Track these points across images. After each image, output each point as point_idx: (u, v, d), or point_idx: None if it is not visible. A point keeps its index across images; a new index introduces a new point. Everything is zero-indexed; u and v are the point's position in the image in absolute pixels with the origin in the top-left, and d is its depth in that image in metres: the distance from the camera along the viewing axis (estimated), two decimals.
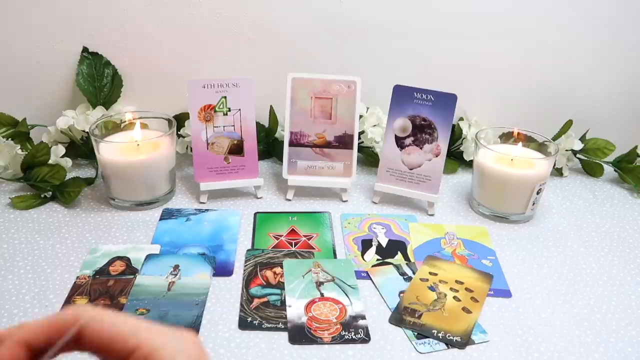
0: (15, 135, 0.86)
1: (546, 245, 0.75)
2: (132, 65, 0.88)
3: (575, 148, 0.91)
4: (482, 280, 0.67)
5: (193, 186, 0.84)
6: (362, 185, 0.87)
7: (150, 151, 0.77)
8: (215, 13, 0.85)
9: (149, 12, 0.84)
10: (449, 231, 0.77)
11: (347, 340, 0.57)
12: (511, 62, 0.92)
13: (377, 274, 0.68)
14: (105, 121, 0.80)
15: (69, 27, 0.85)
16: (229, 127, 0.79)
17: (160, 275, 0.65)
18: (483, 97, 0.94)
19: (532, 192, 0.77)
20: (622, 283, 0.68)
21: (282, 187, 0.85)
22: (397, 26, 0.88)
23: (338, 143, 0.81)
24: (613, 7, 0.87)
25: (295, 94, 0.79)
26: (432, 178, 0.79)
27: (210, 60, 0.89)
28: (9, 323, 0.58)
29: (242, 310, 0.61)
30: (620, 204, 0.86)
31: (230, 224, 0.76)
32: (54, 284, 0.64)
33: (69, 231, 0.73)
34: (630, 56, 0.92)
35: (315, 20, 0.87)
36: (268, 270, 0.67)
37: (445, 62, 0.91)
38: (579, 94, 0.94)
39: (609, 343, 0.59)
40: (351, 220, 0.78)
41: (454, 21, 0.88)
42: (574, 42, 0.90)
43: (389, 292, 0.65)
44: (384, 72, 0.90)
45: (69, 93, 0.90)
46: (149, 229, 0.74)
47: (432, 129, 0.78)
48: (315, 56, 0.90)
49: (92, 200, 0.80)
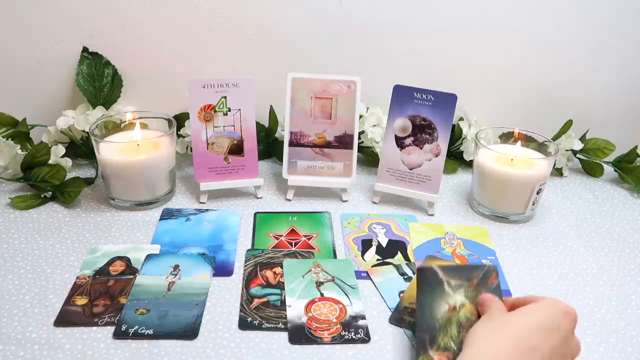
0: (15, 135, 0.86)
1: (546, 245, 0.75)
2: (132, 65, 0.88)
3: (575, 148, 0.91)
4: None
5: (193, 186, 0.84)
6: (362, 185, 0.87)
7: (150, 151, 0.77)
8: (215, 13, 0.85)
9: (149, 12, 0.84)
10: (449, 231, 0.77)
11: (347, 340, 0.57)
12: (511, 62, 0.92)
13: (377, 273, 0.68)
14: (105, 121, 0.80)
15: (69, 27, 0.85)
16: (229, 127, 0.79)
17: (160, 275, 0.65)
18: (483, 97, 0.94)
19: (532, 192, 0.77)
20: (622, 283, 0.68)
21: (282, 187, 0.85)
22: (397, 26, 0.88)
23: (338, 143, 0.81)
24: (613, 7, 0.87)
25: (295, 94, 0.79)
26: (432, 178, 0.79)
27: (210, 60, 0.89)
28: (9, 323, 0.58)
29: (242, 310, 0.61)
30: (620, 204, 0.86)
31: (230, 224, 0.76)
32: (54, 284, 0.64)
33: (69, 231, 0.73)
34: (630, 56, 0.92)
35: (315, 20, 0.87)
36: (268, 270, 0.67)
37: (445, 62, 0.91)
38: (579, 94, 0.94)
39: (609, 343, 0.59)
40: (351, 220, 0.78)
41: (454, 21, 0.88)
42: (574, 42, 0.90)
43: (389, 292, 0.65)
44: (384, 72, 0.90)
45: (69, 93, 0.90)
46: (149, 229, 0.74)
47: (432, 129, 0.78)
48: (315, 56, 0.90)
49: (92, 200, 0.80)
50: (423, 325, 0.54)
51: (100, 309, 0.60)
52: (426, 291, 0.56)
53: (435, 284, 0.56)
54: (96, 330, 0.57)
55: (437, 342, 0.52)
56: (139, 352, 0.55)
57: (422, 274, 0.57)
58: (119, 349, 0.55)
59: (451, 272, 0.57)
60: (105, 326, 0.58)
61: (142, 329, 0.57)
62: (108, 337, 0.56)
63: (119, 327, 0.57)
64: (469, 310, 0.55)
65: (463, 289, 0.56)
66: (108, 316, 0.59)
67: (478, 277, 0.57)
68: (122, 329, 0.57)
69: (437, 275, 0.57)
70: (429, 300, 0.55)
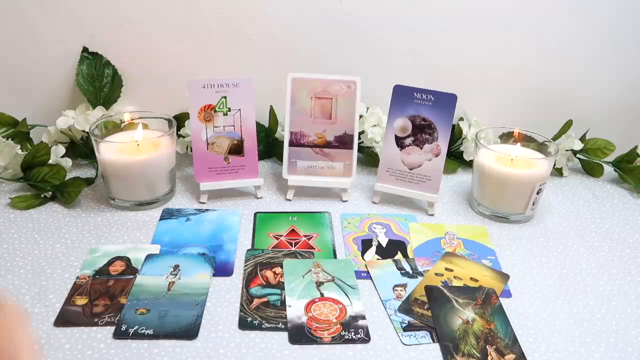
0: (15, 135, 0.86)
1: (546, 245, 0.75)
2: (132, 65, 0.88)
3: (575, 148, 0.91)
4: (497, 279, 0.67)
5: (193, 186, 0.84)
6: (362, 185, 0.87)
7: (150, 151, 0.77)
8: (215, 13, 0.85)
9: (149, 12, 0.84)
10: (449, 231, 0.77)
11: (347, 340, 0.57)
12: (511, 62, 0.92)
13: (375, 267, 0.68)
14: (105, 121, 0.80)
15: (69, 27, 0.85)
16: (229, 127, 0.79)
17: (160, 275, 0.65)
18: (483, 97, 0.94)
19: (532, 192, 0.77)
20: (622, 283, 0.68)
21: (282, 187, 0.85)
22: (397, 26, 0.88)
23: (338, 143, 0.81)
24: (613, 8, 0.87)
25: (295, 94, 0.79)
26: (432, 178, 0.79)
27: (210, 60, 0.89)
28: None
29: (242, 310, 0.61)
30: (620, 204, 0.86)
31: (230, 224, 0.76)
32: (54, 284, 0.64)
33: (69, 231, 0.73)
34: (630, 56, 0.92)
35: (315, 20, 0.87)
36: (268, 270, 0.67)
37: (445, 62, 0.91)
38: (579, 94, 0.94)
39: (609, 343, 0.59)
40: (351, 220, 0.78)
41: (454, 21, 0.88)
42: (574, 42, 0.90)
43: (384, 285, 0.65)
44: (384, 72, 0.90)
45: (69, 93, 0.90)
46: (149, 229, 0.74)
47: (432, 129, 0.78)
48: (315, 56, 0.90)
49: (92, 200, 0.80)
50: (443, 334, 0.58)
51: (100, 309, 0.60)
52: (438, 305, 0.62)
53: (445, 300, 0.63)
54: (96, 330, 0.57)
55: (461, 349, 0.56)
56: (139, 352, 0.55)
57: (431, 291, 0.63)
58: (119, 349, 0.55)
59: (456, 292, 0.64)
60: (105, 326, 0.58)
61: (142, 329, 0.57)
62: (108, 337, 0.57)
63: (119, 327, 0.57)
64: (481, 324, 0.59)
65: (471, 307, 0.61)
66: (108, 316, 0.59)
67: (481, 297, 0.63)
68: (122, 329, 0.57)
69: (444, 293, 0.63)
70: (442, 313, 0.61)
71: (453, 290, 0.64)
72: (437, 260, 0.70)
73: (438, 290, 0.64)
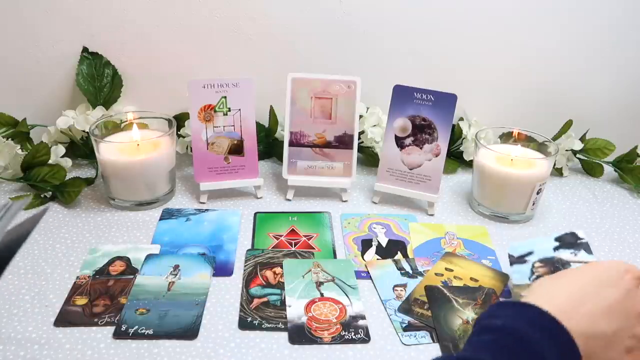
0: (15, 135, 0.86)
1: None
2: (132, 65, 0.88)
3: (575, 148, 0.91)
4: (497, 279, 0.67)
5: (193, 186, 0.84)
6: (362, 185, 0.87)
7: (150, 151, 0.77)
8: (215, 13, 0.85)
9: (149, 12, 0.84)
10: (449, 231, 0.77)
11: (347, 340, 0.57)
12: (511, 62, 0.92)
13: (375, 266, 0.68)
14: (105, 121, 0.80)
15: (69, 27, 0.85)
16: (229, 127, 0.79)
17: (160, 275, 0.65)
18: (483, 97, 0.94)
19: (532, 192, 0.77)
20: None
21: (282, 187, 0.85)
22: (397, 26, 0.88)
23: (338, 143, 0.81)
24: (613, 7, 0.87)
25: (295, 94, 0.79)
26: (432, 178, 0.79)
27: (210, 60, 0.89)
28: (9, 323, 0.58)
29: (242, 310, 0.61)
30: (620, 204, 0.86)
31: (230, 224, 0.76)
32: (54, 284, 0.64)
33: (69, 231, 0.73)
34: (630, 56, 0.92)
35: (315, 20, 0.87)
36: (268, 270, 0.67)
37: (445, 62, 0.91)
38: (579, 94, 0.94)
39: None
40: (351, 220, 0.78)
41: (454, 21, 0.88)
42: (574, 42, 0.90)
43: (384, 285, 0.65)
44: (384, 72, 0.90)
45: (69, 93, 0.90)
46: (149, 229, 0.74)
47: (432, 129, 0.78)
48: (315, 56, 0.90)
49: (92, 200, 0.80)
50: (443, 334, 0.58)
51: (100, 309, 0.60)
52: (438, 305, 0.61)
53: (445, 300, 0.63)
54: (96, 330, 0.57)
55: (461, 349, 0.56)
56: (139, 352, 0.55)
57: (431, 291, 0.63)
58: (119, 349, 0.55)
59: (456, 292, 0.64)
60: (105, 326, 0.58)
61: (142, 329, 0.57)
62: (108, 337, 0.56)
63: (119, 327, 0.57)
64: None
65: (471, 307, 0.61)
66: (108, 316, 0.59)
67: (481, 297, 0.63)
68: (122, 329, 0.57)
69: (444, 293, 0.63)
70: (442, 313, 0.61)
71: (453, 290, 0.64)
72: (437, 260, 0.70)
73: (438, 290, 0.64)
